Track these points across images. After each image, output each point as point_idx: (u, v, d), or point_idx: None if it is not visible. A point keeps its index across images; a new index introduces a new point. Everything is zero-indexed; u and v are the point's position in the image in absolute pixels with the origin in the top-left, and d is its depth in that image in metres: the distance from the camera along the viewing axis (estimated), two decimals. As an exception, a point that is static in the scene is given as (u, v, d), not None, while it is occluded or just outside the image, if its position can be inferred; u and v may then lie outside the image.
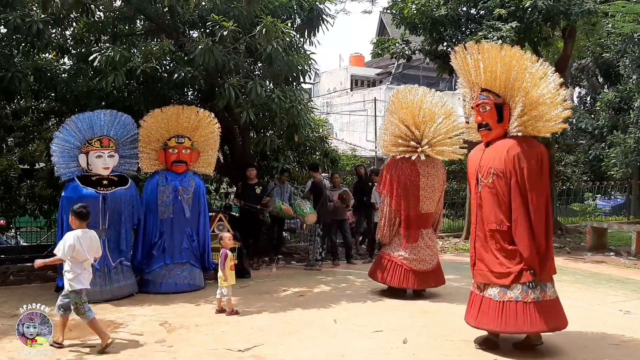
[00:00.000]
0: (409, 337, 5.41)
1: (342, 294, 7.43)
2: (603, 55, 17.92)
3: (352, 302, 6.97)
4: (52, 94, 9.35)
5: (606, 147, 16.85)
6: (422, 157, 6.99)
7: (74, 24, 9.23)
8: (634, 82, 14.24)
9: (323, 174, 10.80)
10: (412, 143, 7.02)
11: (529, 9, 11.15)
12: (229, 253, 6.49)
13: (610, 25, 13.39)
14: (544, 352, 4.98)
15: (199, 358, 4.86)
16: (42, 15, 7.78)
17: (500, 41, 10.11)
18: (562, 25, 12.55)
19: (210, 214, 8.40)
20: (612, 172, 16.26)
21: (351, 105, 28.86)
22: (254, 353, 4.98)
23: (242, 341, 5.28)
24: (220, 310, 6.38)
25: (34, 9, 8.18)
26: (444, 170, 7.51)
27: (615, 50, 14.15)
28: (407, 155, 7.10)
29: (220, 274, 6.40)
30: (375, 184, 9.28)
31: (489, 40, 10.43)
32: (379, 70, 35.36)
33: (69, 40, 9.46)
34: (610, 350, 5.11)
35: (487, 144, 5.25)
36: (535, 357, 4.89)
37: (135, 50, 8.70)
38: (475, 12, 12.55)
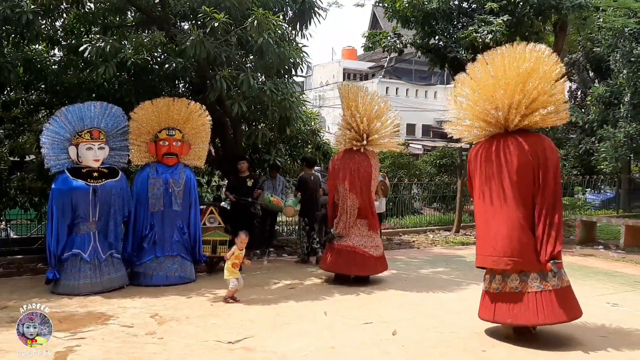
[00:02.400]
0: (398, 329, 5.45)
1: (333, 287, 7.45)
2: (594, 49, 17.98)
3: (342, 295, 7.00)
4: (42, 86, 9.30)
5: (596, 141, 16.95)
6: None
7: (64, 15, 9.16)
8: (624, 76, 14.27)
9: (316, 167, 10.79)
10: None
11: (521, 3, 11.20)
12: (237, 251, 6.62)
13: (601, 20, 13.46)
14: (532, 343, 5.03)
15: (189, 350, 4.87)
16: (32, 6, 7.72)
17: (491, 35, 10.17)
18: (554, 19, 12.61)
19: (201, 206, 8.39)
20: (602, 166, 16.33)
21: (343, 99, 28.86)
22: (244, 345, 4.99)
23: (232, 333, 5.30)
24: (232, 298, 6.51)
25: (24, -1, 8.11)
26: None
27: (606, 45, 14.19)
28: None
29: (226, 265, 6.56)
30: None
31: (479, 34, 10.48)
32: (371, 64, 35.41)
33: (59, 32, 9.37)
34: (597, 342, 5.16)
35: None
36: (523, 347, 4.93)
37: (126, 41, 8.65)
38: (466, 6, 12.59)
